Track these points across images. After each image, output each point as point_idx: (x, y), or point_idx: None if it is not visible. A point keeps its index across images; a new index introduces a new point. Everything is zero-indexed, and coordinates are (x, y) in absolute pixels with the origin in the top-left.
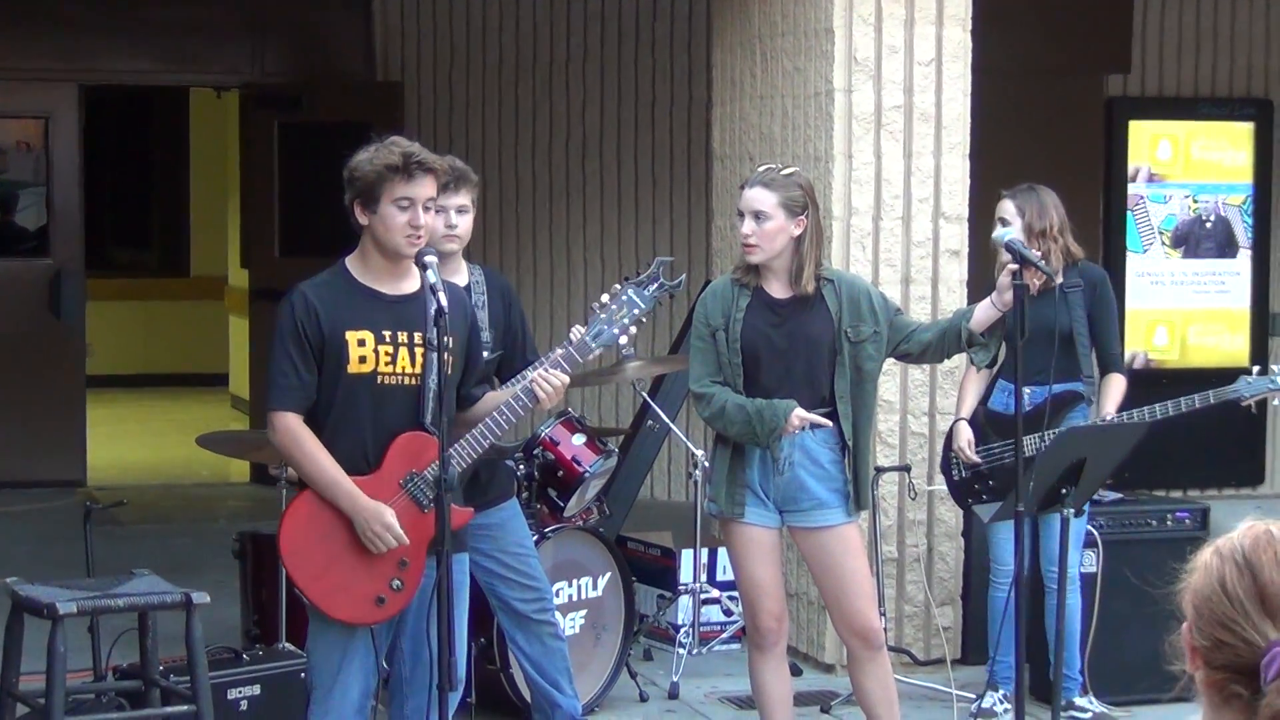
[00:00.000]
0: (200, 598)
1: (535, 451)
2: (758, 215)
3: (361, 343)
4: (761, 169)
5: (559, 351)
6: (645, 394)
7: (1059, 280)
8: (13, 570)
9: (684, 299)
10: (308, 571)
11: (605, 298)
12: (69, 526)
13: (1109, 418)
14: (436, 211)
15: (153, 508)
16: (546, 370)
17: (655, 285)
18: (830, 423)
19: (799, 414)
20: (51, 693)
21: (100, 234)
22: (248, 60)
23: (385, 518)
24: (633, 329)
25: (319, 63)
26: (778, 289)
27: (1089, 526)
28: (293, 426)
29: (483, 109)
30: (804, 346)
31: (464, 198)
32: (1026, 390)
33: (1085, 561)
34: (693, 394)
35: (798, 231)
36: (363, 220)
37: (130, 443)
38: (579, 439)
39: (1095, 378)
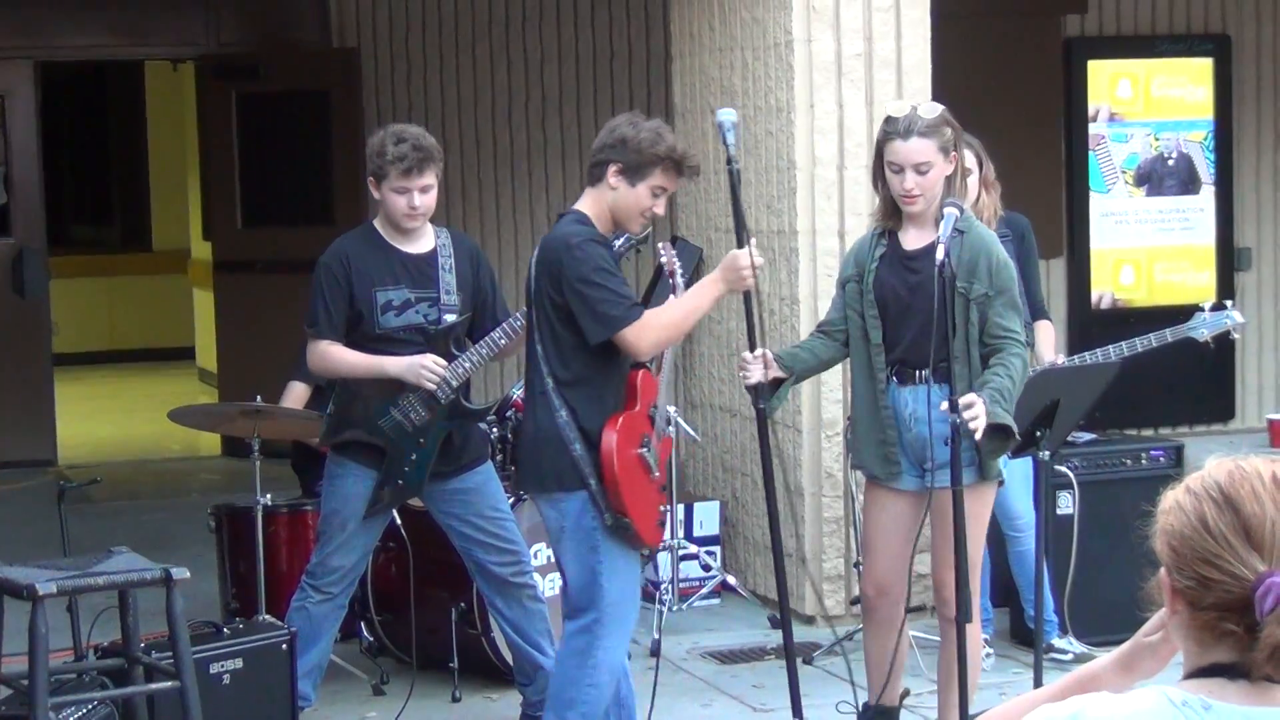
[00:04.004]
0: (180, 573)
1: (508, 414)
2: (920, 168)
3: None
4: (901, 114)
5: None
6: None
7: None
8: None
9: (649, 254)
10: (634, 508)
11: None
12: (42, 506)
13: (1060, 361)
14: (400, 193)
15: (125, 484)
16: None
17: (620, 240)
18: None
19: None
20: (35, 674)
21: (61, 212)
22: (202, 31)
23: (740, 259)
24: None
25: (274, 31)
26: (913, 237)
27: (1063, 468)
28: (650, 318)
29: (440, 72)
30: (926, 301)
31: (430, 177)
32: None
33: (1061, 503)
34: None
35: (949, 170)
36: (613, 183)
37: (100, 420)
38: None
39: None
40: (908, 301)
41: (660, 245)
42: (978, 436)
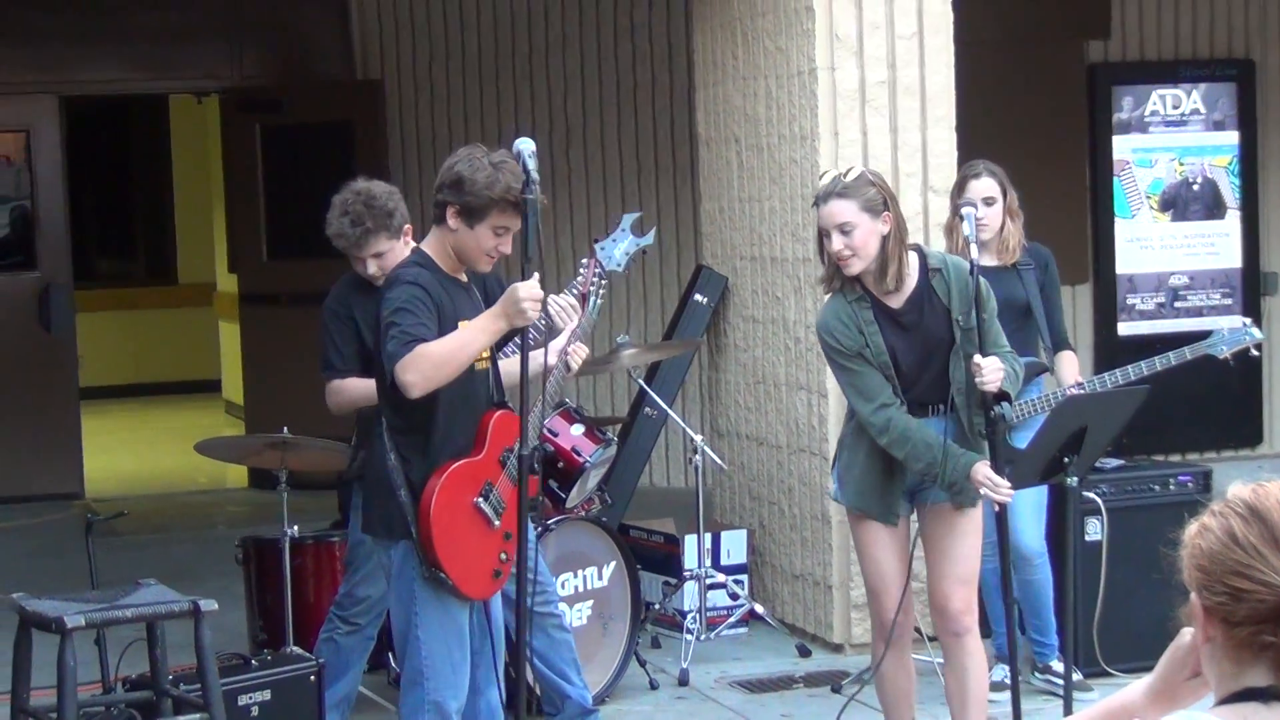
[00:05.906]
0: (208, 605)
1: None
2: (843, 228)
3: None
4: (826, 179)
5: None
6: (641, 381)
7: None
8: (15, 585)
9: (675, 284)
10: (453, 562)
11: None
12: (69, 539)
13: (1080, 381)
14: (356, 261)
15: (151, 517)
16: (576, 344)
17: (625, 243)
18: (1007, 496)
19: (983, 472)
20: (64, 707)
21: (86, 246)
22: (226, 64)
23: (519, 291)
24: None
25: (298, 64)
26: (893, 297)
27: (1091, 494)
28: (419, 351)
29: (464, 102)
30: (934, 349)
31: (379, 245)
32: None
33: (1089, 530)
34: (869, 424)
35: (886, 229)
36: (453, 225)
37: (125, 453)
38: (578, 429)
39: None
40: (919, 356)
41: (583, 261)
42: (993, 389)
